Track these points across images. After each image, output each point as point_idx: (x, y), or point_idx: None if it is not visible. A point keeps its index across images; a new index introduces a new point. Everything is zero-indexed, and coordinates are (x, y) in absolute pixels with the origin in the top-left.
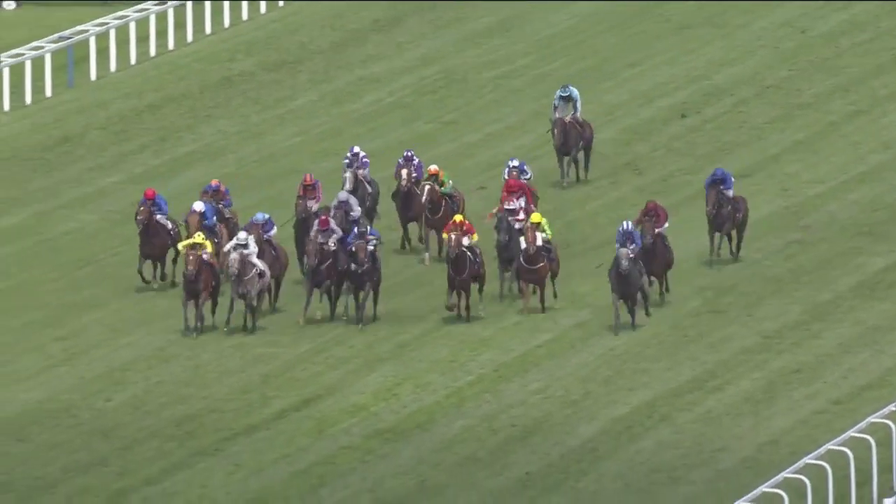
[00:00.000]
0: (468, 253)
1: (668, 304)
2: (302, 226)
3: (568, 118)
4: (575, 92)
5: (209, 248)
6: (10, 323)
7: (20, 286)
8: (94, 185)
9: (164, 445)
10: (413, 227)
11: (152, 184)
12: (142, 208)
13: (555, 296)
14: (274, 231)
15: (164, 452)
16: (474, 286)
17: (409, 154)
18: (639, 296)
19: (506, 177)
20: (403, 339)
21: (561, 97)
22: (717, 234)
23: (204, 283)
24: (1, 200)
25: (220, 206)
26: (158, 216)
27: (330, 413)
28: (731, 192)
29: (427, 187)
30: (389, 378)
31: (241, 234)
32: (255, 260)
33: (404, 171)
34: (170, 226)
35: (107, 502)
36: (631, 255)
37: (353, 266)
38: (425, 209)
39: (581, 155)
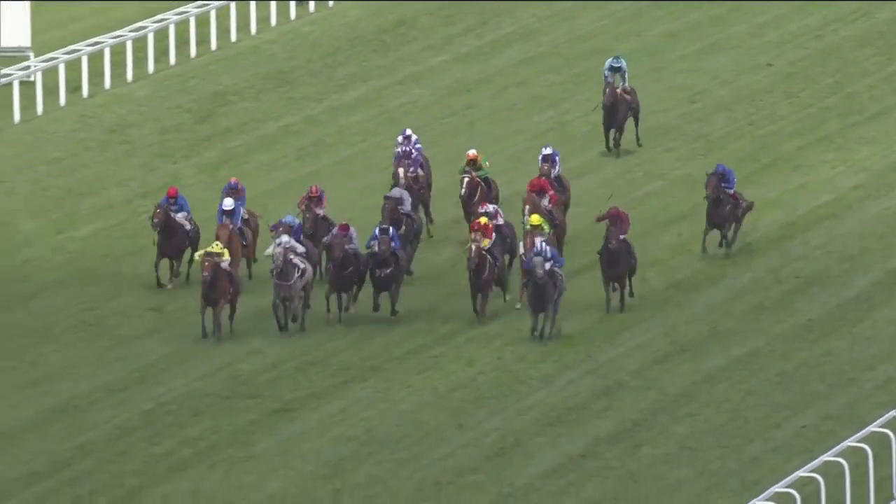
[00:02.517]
0: (488, 257)
1: None
2: (313, 236)
3: (618, 89)
4: (624, 63)
5: (226, 255)
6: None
7: (363, 152)
8: (425, 64)
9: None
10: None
11: (471, 61)
12: (158, 210)
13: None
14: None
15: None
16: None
17: (408, 149)
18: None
19: (540, 165)
20: None
21: (612, 67)
22: (712, 231)
23: (221, 290)
24: (346, 77)
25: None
26: (179, 215)
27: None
28: (731, 190)
29: (465, 180)
30: (685, 235)
31: (284, 238)
32: (296, 259)
33: (401, 169)
34: (188, 227)
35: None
36: (546, 266)
37: (376, 271)
38: (462, 194)
39: (630, 124)
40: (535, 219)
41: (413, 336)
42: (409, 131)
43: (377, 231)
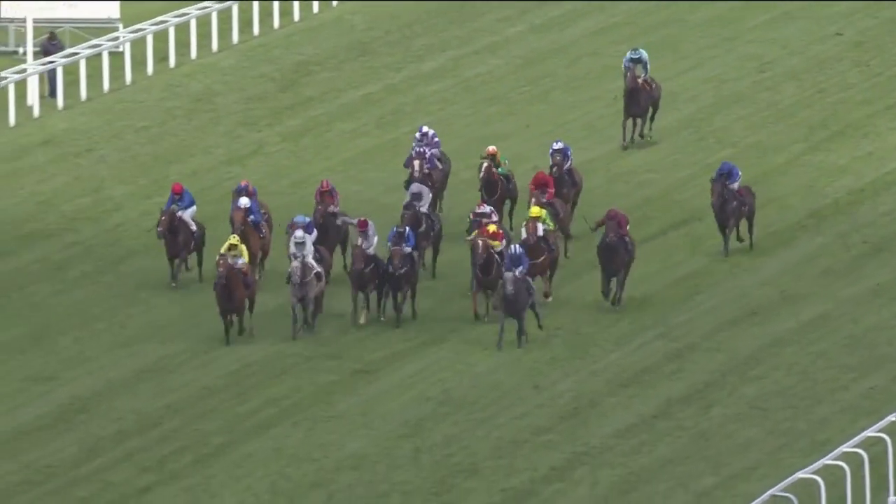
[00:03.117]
0: (496, 256)
1: None
2: (322, 230)
3: (640, 80)
4: (644, 54)
5: (244, 254)
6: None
7: (441, 121)
8: (501, 34)
9: None
10: None
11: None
12: (163, 218)
13: (547, 294)
14: (314, 235)
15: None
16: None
17: (421, 149)
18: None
19: (550, 159)
20: None
21: (631, 59)
22: (725, 230)
23: (238, 298)
24: (424, 47)
25: None
26: (187, 213)
27: (703, 230)
28: (736, 186)
29: (484, 164)
30: (757, 201)
31: (298, 234)
32: (312, 262)
33: (416, 162)
34: (193, 227)
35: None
36: (518, 278)
37: (390, 269)
38: (482, 190)
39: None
40: (536, 210)
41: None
42: (425, 128)
43: (395, 230)
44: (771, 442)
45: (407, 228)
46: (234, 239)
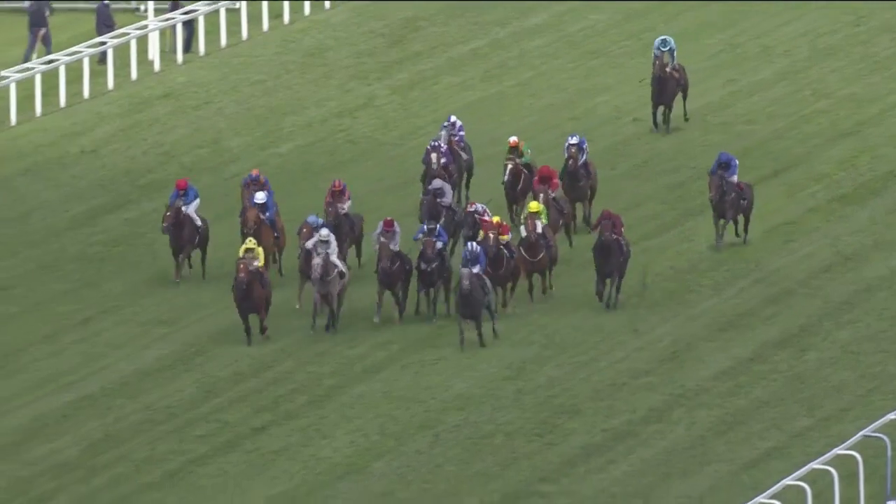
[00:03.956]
0: (505, 251)
1: None
2: (334, 231)
3: (668, 68)
4: (672, 42)
5: (260, 256)
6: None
7: (543, 74)
8: None
9: None
10: None
11: None
12: (168, 214)
13: (550, 287)
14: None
15: None
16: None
17: (437, 143)
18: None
19: (564, 154)
20: None
21: (660, 49)
22: (721, 222)
23: (256, 298)
24: (529, 3)
25: None
26: (191, 207)
27: (798, 180)
28: (735, 178)
29: (509, 166)
30: (849, 150)
31: (324, 232)
32: (335, 260)
33: (434, 155)
34: (198, 221)
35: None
36: (474, 276)
37: (422, 265)
38: (506, 180)
39: (678, 101)
40: (535, 205)
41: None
42: (453, 118)
43: (424, 228)
44: (863, 385)
45: (437, 225)
46: (251, 242)
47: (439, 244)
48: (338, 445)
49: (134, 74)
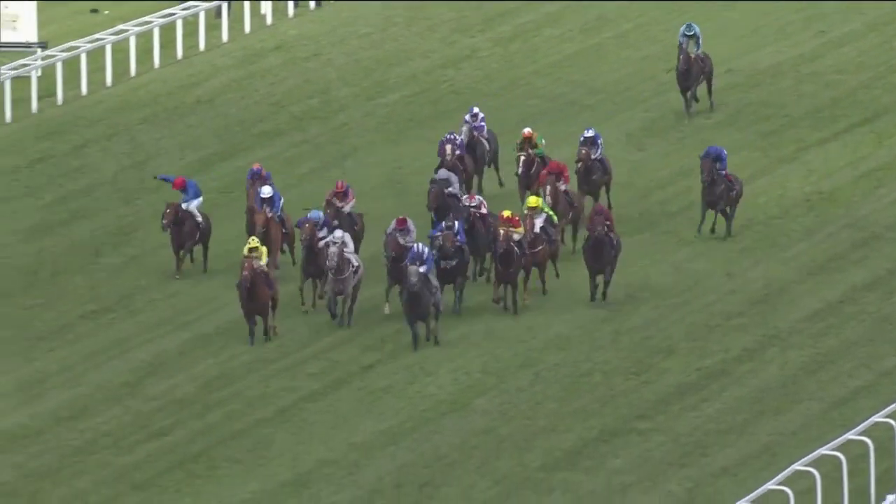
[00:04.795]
0: (515, 248)
1: None
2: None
3: (692, 55)
4: (697, 28)
5: (263, 255)
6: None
7: (640, 27)
8: None
9: None
10: None
11: None
12: (167, 210)
13: (557, 275)
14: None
15: None
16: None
17: (452, 135)
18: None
19: (579, 147)
20: None
21: (685, 35)
22: (709, 212)
23: (260, 298)
24: None
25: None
26: (193, 204)
27: (887, 127)
28: (724, 170)
29: (522, 158)
30: None
31: (338, 233)
32: (351, 256)
33: (448, 146)
34: (199, 217)
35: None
36: (420, 274)
37: (441, 263)
38: (519, 172)
39: (703, 89)
40: (533, 200)
41: (685, 193)
42: (476, 108)
43: (442, 225)
44: None
45: (456, 222)
46: (254, 242)
47: (458, 241)
48: (442, 383)
49: (247, 28)
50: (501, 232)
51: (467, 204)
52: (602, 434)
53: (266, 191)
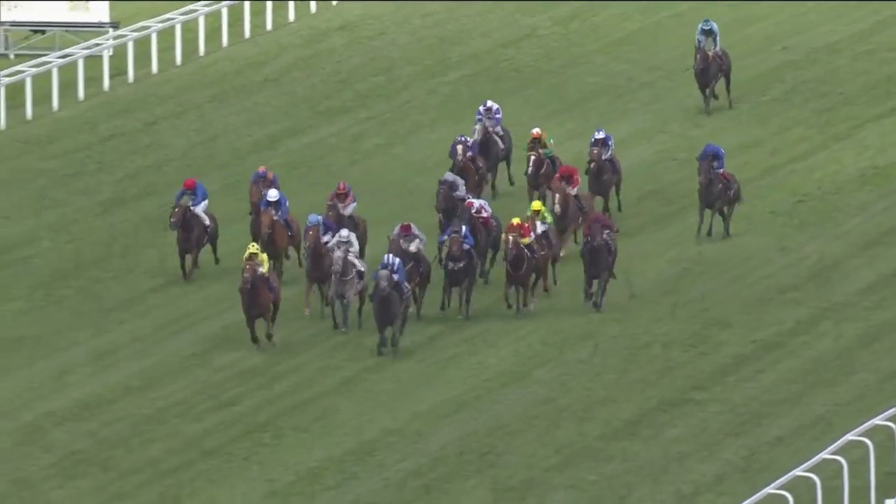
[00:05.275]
0: (525, 251)
1: None
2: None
3: (710, 52)
4: (715, 26)
5: (264, 262)
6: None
7: (698, 6)
8: None
9: None
10: None
11: None
12: (175, 209)
13: (555, 282)
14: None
15: None
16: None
17: (463, 138)
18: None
19: (591, 148)
20: None
21: (703, 31)
22: (707, 211)
23: (262, 302)
24: None
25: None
26: (199, 206)
27: None
28: (721, 169)
29: (532, 158)
30: None
31: (344, 232)
32: (355, 260)
33: (459, 147)
34: (206, 220)
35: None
36: (392, 279)
37: (449, 265)
38: (528, 172)
39: (721, 84)
40: (537, 205)
41: (742, 168)
42: (489, 102)
43: (449, 231)
44: None
45: (463, 226)
46: (253, 248)
47: (466, 245)
48: (503, 354)
49: (313, 7)
50: (510, 238)
51: (468, 208)
52: (660, 404)
53: (272, 194)
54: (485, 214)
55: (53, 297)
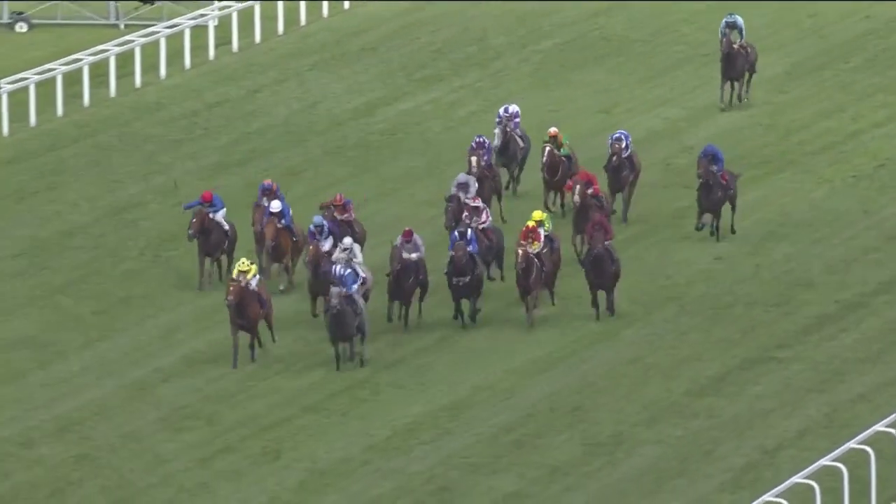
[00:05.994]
0: (536, 261)
1: None
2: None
3: (735, 45)
4: (739, 19)
5: (252, 273)
6: None
7: None
8: None
9: None
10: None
11: None
12: (194, 220)
13: (551, 293)
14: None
15: None
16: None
17: (481, 139)
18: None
19: (608, 149)
20: None
21: (727, 24)
22: (706, 215)
23: (252, 315)
24: None
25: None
26: (218, 214)
27: None
28: (720, 170)
29: (547, 149)
30: None
31: (347, 241)
32: (359, 267)
33: (473, 158)
34: (226, 226)
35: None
36: (344, 295)
37: (454, 280)
38: (543, 170)
39: (746, 78)
40: (538, 214)
41: (824, 135)
42: (512, 107)
43: (456, 234)
44: None
45: (469, 231)
46: (243, 265)
47: (470, 249)
48: (591, 315)
49: None
50: (521, 251)
51: (467, 221)
52: (744, 362)
53: (275, 205)
54: (486, 222)
55: (161, 258)
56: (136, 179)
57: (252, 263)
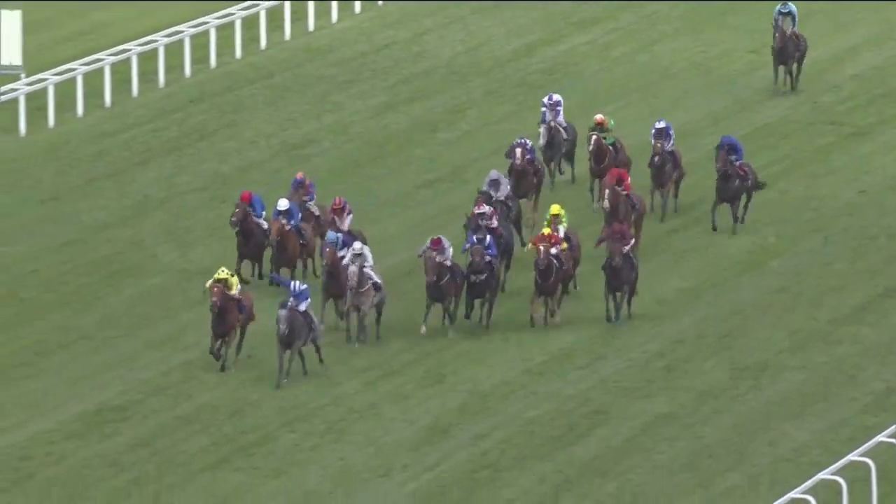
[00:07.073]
0: (555, 262)
1: None
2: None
3: (788, 32)
4: (794, 8)
5: (234, 285)
6: None
7: None
8: None
9: None
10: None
11: None
12: (237, 210)
13: (575, 286)
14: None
15: None
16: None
17: (523, 141)
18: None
19: (651, 140)
20: None
21: (781, 12)
22: (723, 204)
23: (230, 322)
24: None
25: (304, 200)
26: (255, 217)
27: None
28: (739, 162)
29: (593, 137)
30: None
31: (357, 245)
32: (370, 272)
33: (518, 150)
34: (265, 226)
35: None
36: (292, 315)
37: (471, 277)
38: (590, 159)
39: (794, 67)
40: (555, 208)
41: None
42: (555, 96)
43: (474, 238)
44: None
45: (488, 236)
46: (222, 273)
47: (488, 256)
48: (740, 245)
49: None
50: (541, 248)
51: (478, 211)
52: (887, 291)
53: (282, 203)
54: (493, 223)
55: (333, 191)
56: (308, 118)
57: (232, 275)
